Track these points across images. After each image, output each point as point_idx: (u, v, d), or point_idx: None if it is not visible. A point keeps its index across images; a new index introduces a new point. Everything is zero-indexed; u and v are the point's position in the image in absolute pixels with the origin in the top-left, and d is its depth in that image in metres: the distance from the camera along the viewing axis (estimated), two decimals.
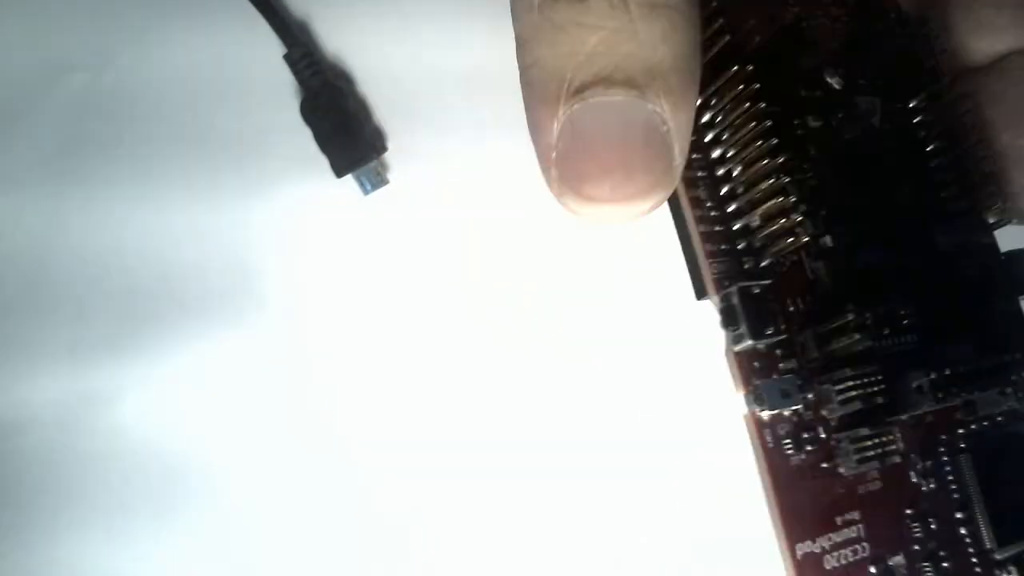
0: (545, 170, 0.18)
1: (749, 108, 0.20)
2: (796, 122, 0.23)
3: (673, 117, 0.17)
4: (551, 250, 0.29)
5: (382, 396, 0.29)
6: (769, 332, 0.19)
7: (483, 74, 0.29)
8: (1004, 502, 0.21)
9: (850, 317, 0.20)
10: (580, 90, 0.17)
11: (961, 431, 0.21)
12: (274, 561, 0.29)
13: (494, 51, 0.28)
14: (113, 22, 0.30)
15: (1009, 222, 0.23)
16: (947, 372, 0.20)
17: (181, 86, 0.29)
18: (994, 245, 0.23)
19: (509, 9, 0.19)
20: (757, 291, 0.20)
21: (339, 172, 0.29)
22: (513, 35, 0.19)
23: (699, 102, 0.19)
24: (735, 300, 0.19)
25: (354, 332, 0.29)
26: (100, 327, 0.29)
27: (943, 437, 0.21)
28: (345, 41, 0.30)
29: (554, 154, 0.18)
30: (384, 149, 0.30)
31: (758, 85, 0.20)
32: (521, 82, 0.19)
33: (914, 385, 0.20)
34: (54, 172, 0.30)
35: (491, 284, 0.29)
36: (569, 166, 0.18)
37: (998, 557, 0.21)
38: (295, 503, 0.29)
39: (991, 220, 0.23)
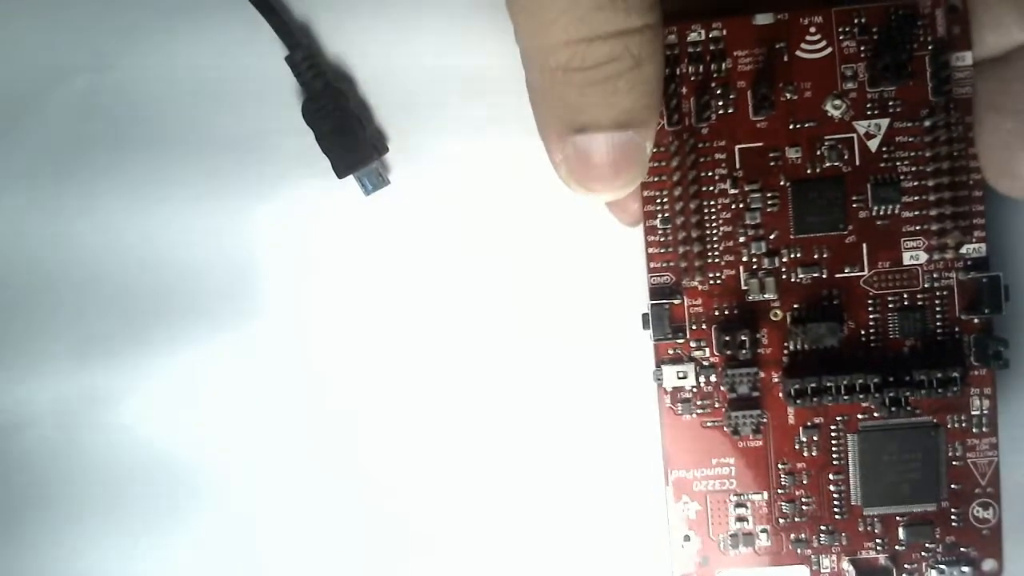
0: (555, 166, 0.24)
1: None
2: (772, 154, 0.27)
3: (646, 134, 0.24)
4: (551, 250, 0.30)
5: (383, 394, 0.30)
6: (668, 335, 0.27)
7: (483, 75, 0.29)
8: (877, 475, 0.27)
9: (741, 337, 0.27)
10: (582, 129, 0.23)
11: (861, 417, 0.27)
12: (274, 560, 0.31)
13: (494, 52, 0.29)
14: (115, 24, 0.30)
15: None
16: (812, 385, 0.26)
17: (183, 88, 0.30)
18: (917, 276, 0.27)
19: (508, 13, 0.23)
20: (667, 307, 0.27)
21: (340, 173, 0.29)
22: (518, 48, 0.24)
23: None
24: (648, 311, 0.27)
25: (355, 331, 0.30)
26: (102, 328, 0.31)
27: (838, 418, 0.27)
28: (346, 43, 0.30)
29: (560, 157, 0.24)
30: (385, 150, 0.30)
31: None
32: (533, 107, 0.24)
33: (787, 389, 0.26)
34: (57, 173, 0.30)
35: (491, 283, 0.30)
36: (573, 170, 0.24)
37: (866, 513, 0.27)
38: (296, 501, 0.31)
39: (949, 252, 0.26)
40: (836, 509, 0.27)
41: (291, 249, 0.31)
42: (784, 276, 0.27)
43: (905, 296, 0.27)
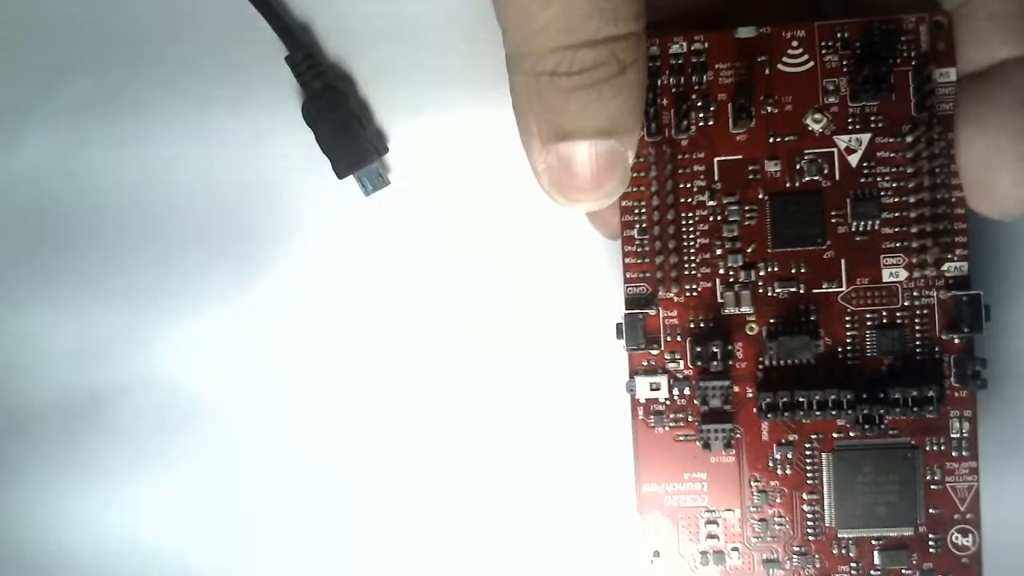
0: (537, 175, 0.25)
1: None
2: (751, 167, 0.26)
3: (628, 143, 0.24)
4: (551, 249, 0.30)
5: (382, 395, 0.31)
6: (641, 345, 0.26)
7: (484, 76, 0.30)
8: (852, 497, 0.26)
9: (713, 348, 0.26)
10: (565, 136, 0.24)
11: (836, 436, 0.26)
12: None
13: (495, 53, 0.28)
14: (115, 24, 0.30)
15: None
16: (784, 400, 0.26)
17: (183, 88, 0.30)
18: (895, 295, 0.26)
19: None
20: (641, 317, 0.26)
21: (340, 173, 0.29)
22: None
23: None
24: (621, 321, 0.27)
25: (355, 332, 0.31)
26: (104, 326, 0.31)
27: (813, 436, 0.27)
28: (346, 43, 0.30)
29: (543, 166, 0.24)
30: (385, 150, 0.30)
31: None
32: (516, 114, 0.24)
33: (759, 402, 0.26)
34: (57, 174, 0.31)
35: (491, 284, 0.30)
36: (555, 179, 0.24)
37: (840, 535, 0.27)
38: (294, 500, 0.31)
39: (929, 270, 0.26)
40: (809, 530, 0.27)
41: (291, 249, 0.31)
42: (760, 290, 0.27)
43: (884, 314, 0.26)
